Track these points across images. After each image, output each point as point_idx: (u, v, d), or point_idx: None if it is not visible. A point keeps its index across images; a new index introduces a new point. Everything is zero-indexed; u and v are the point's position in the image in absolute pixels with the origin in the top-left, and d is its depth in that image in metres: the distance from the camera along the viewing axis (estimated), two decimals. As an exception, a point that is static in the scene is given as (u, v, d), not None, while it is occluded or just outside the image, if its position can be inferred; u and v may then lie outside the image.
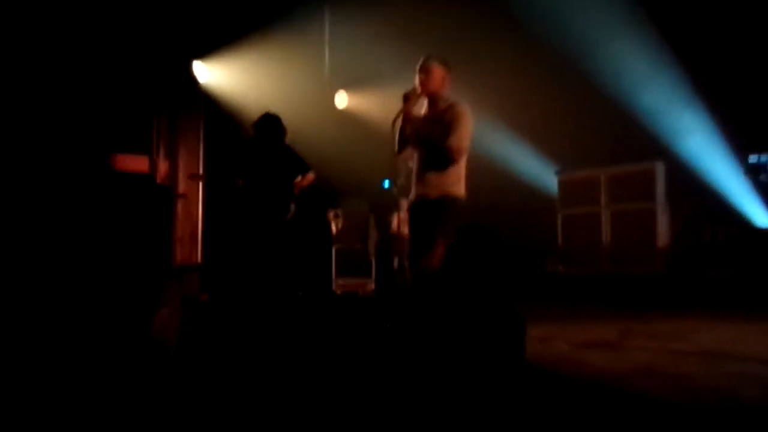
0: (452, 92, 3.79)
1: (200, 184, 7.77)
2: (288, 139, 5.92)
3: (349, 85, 8.74)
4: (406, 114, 3.66)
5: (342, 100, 8.86)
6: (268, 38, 7.56)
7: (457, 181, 3.63)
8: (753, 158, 6.49)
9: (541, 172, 8.09)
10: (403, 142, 3.75)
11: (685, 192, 6.69)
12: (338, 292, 7.59)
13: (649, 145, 6.73)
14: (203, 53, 7.78)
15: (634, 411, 2.56)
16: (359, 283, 7.77)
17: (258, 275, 5.57)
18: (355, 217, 8.34)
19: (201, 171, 7.85)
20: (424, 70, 3.70)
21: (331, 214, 8.09)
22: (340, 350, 3.81)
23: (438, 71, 3.71)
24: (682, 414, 2.49)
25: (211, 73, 7.90)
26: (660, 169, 6.74)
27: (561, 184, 7.57)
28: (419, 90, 3.69)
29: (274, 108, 6.03)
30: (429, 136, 3.64)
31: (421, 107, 3.80)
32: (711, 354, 3.57)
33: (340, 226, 8.13)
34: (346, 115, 8.84)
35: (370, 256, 8.06)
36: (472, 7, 7.78)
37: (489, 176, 8.04)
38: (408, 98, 3.67)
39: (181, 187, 7.72)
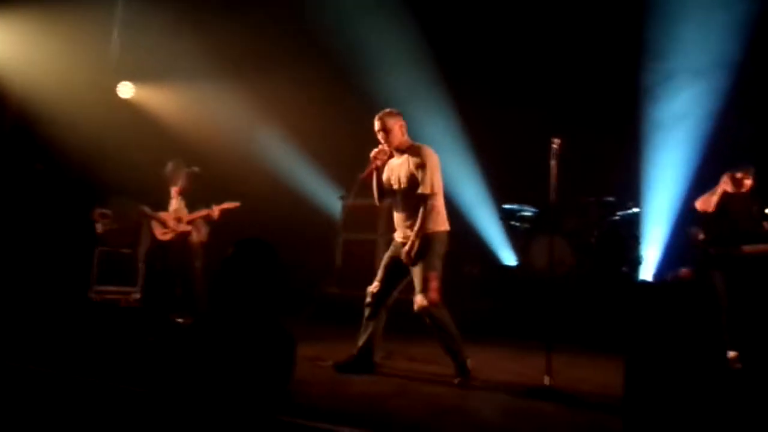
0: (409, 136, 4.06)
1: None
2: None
3: (138, 76, 8.08)
4: (376, 168, 4.03)
5: (127, 90, 8.14)
6: (51, 7, 6.68)
7: (435, 217, 3.92)
8: (507, 207, 7.53)
9: (327, 196, 8.30)
10: (381, 191, 4.11)
11: (451, 230, 7.37)
12: (96, 299, 6.81)
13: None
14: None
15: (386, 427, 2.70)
16: (122, 291, 7.08)
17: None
18: (125, 219, 7.63)
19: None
20: (384, 131, 3.96)
21: (97, 213, 7.29)
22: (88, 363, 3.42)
23: (395, 124, 3.96)
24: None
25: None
26: (432, 207, 7.35)
27: (344, 208, 7.82)
28: (386, 150, 3.99)
29: (45, 84, 5.32)
30: (402, 182, 3.96)
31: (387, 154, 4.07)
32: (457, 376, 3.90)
33: (107, 226, 7.36)
34: (129, 108, 8.15)
35: (138, 263, 7.40)
36: (276, 24, 7.80)
37: (277, 194, 8.03)
38: (377, 157, 3.99)
39: None
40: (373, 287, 4.09)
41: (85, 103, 7.06)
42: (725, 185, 4.83)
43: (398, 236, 4.09)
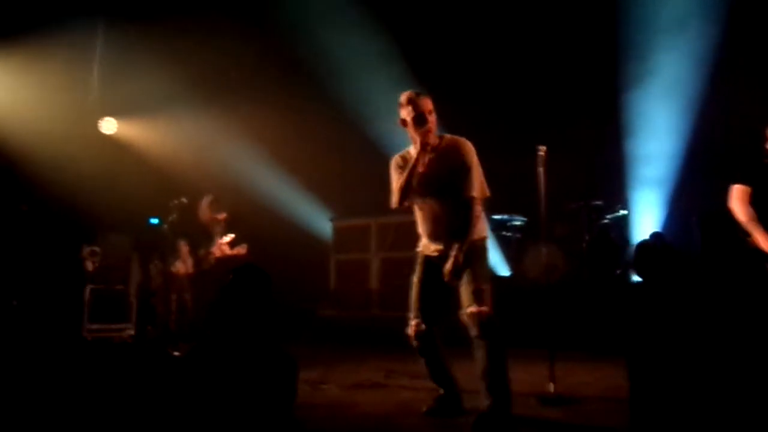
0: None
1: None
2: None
3: (120, 111, 8.09)
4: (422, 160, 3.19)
5: (110, 126, 8.13)
6: (29, 46, 6.69)
7: (479, 222, 3.24)
8: (496, 217, 7.52)
9: (317, 218, 8.31)
10: (407, 193, 3.22)
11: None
12: (89, 338, 6.73)
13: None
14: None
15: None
16: (116, 328, 7.00)
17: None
18: (115, 255, 7.57)
19: None
20: (425, 113, 3.14)
21: (86, 251, 7.23)
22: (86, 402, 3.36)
23: (432, 109, 3.20)
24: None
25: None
26: (423, 221, 7.36)
27: (335, 230, 7.83)
28: (430, 138, 3.17)
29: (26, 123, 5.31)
30: (437, 183, 3.18)
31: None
32: (460, 390, 3.88)
33: (97, 264, 7.29)
34: (113, 143, 8.13)
35: (130, 299, 7.33)
36: (257, 48, 7.86)
37: (266, 218, 8.03)
38: (428, 144, 3.17)
39: None
40: (413, 327, 3.28)
41: (68, 141, 7.05)
42: None
43: (430, 249, 3.30)
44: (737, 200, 3.78)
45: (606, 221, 7.07)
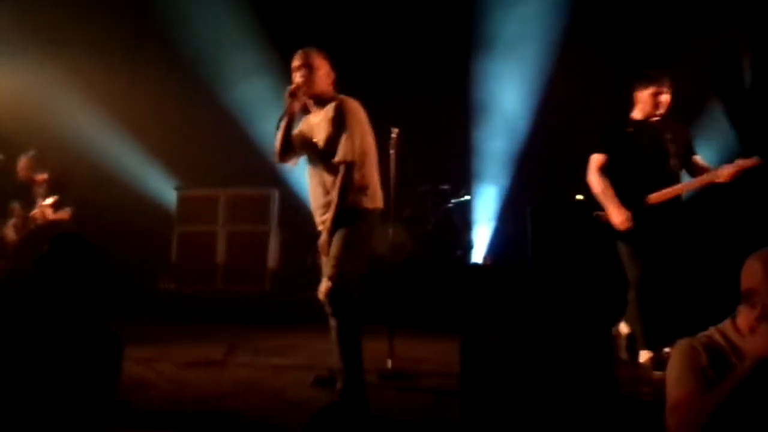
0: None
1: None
2: None
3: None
4: (290, 113, 3.09)
5: None
6: None
7: (364, 188, 3.05)
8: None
9: (161, 186, 7.77)
10: (287, 146, 3.16)
11: (294, 220, 7.27)
12: None
13: (268, 173, 7.06)
14: None
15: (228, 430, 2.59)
16: None
17: None
18: None
19: None
20: (307, 66, 3.08)
21: None
22: None
23: (323, 66, 3.13)
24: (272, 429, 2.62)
25: None
26: (275, 195, 7.21)
27: (180, 200, 7.38)
28: (303, 91, 3.08)
29: None
30: (317, 145, 3.07)
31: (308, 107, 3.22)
32: (305, 367, 3.87)
33: None
34: None
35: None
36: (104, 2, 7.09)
37: (102, 183, 7.37)
38: (295, 95, 3.06)
39: None
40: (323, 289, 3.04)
41: None
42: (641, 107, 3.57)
43: (317, 220, 3.18)
44: (593, 170, 3.63)
45: (450, 205, 7.40)
